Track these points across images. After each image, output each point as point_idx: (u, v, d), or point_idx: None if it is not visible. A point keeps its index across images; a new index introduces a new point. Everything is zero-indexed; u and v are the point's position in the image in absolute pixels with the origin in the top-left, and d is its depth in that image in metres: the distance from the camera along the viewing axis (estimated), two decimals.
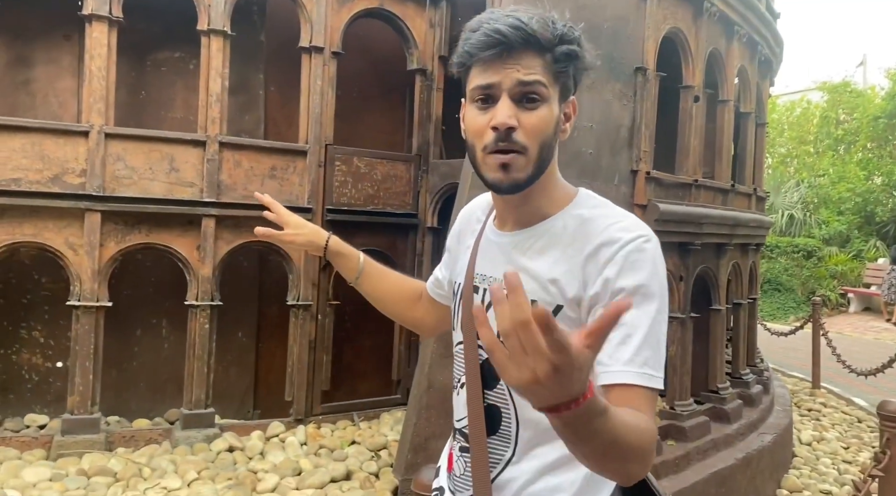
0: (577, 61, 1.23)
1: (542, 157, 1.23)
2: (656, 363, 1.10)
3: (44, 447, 5.16)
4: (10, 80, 5.84)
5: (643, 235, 1.15)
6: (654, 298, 1.11)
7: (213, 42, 5.67)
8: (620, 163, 5.37)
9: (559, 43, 1.19)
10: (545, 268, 1.20)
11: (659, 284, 1.13)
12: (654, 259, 1.14)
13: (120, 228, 5.45)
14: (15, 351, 5.82)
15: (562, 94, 1.23)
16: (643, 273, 1.11)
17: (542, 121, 1.20)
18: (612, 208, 1.26)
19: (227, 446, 5.41)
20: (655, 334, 1.10)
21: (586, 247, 1.16)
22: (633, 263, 1.12)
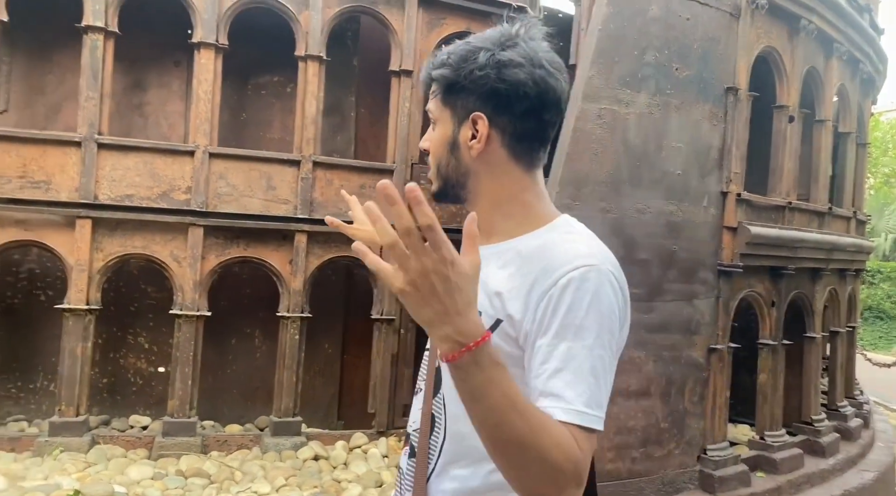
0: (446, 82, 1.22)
1: (442, 172, 1.26)
2: (591, 399, 1.02)
3: (146, 447, 5.50)
4: (127, 103, 6.32)
5: (588, 265, 1.08)
6: (590, 331, 1.04)
7: (310, 67, 5.95)
8: (710, 184, 5.26)
9: (437, 69, 1.23)
10: (495, 282, 1.18)
11: (597, 316, 1.05)
12: (595, 290, 1.06)
13: (220, 242, 5.78)
14: (122, 355, 6.24)
15: (455, 114, 1.23)
16: (579, 305, 1.05)
17: (434, 141, 1.26)
18: (579, 236, 1.19)
19: (312, 455, 5.60)
20: (591, 368, 1.03)
21: (535, 270, 1.13)
22: (572, 293, 1.06)
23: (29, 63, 6.21)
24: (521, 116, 1.20)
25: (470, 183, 1.25)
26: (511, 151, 1.22)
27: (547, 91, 1.19)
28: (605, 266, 1.09)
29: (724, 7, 5.19)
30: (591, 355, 1.04)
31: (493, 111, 1.19)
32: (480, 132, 1.20)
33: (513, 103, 1.18)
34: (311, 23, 5.91)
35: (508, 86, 1.17)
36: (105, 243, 5.54)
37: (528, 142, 1.23)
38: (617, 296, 1.10)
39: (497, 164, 1.22)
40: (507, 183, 1.23)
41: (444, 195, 1.28)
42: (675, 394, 5.09)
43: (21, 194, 5.39)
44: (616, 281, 1.10)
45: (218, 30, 5.69)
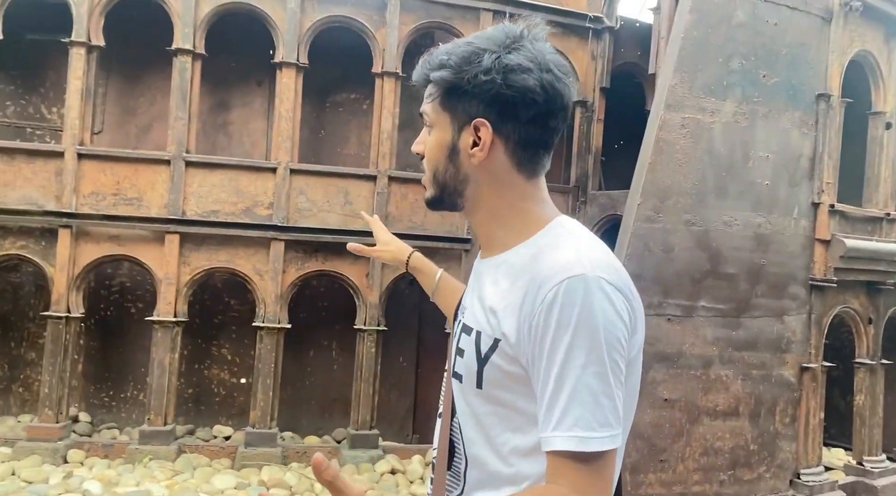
0: (446, 86, 1.13)
1: (438, 178, 1.17)
2: (592, 421, 0.97)
3: (229, 457, 5.64)
4: (212, 123, 6.56)
5: (575, 275, 1.00)
6: (580, 349, 0.98)
7: (386, 83, 6.04)
8: (800, 195, 5.04)
9: (435, 70, 1.14)
10: (491, 298, 1.12)
11: (589, 331, 0.98)
12: (582, 303, 0.99)
13: (300, 256, 5.90)
14: (206, 366, 6.44)
15: (455, 119, 1.14)
16: (567, 321, 0.98)
17: (430, 146, 1.17)
18: (569, 239, 1.11)
19: (389, 468, 5.62)
20: (588, 388, 0.97)
21: (525, 284, 1.06)
22: (559, 310, 0.99)
23: (122, 86, 6.53)
24: (527, 123, 1.12)
25: (468, 191, 1.17)
26: (514, 159, 1.15)
27: (555, 97, 1.11)
28: (594, 272, 1.00)
29: (814, 11, 4.98)
30: (584, 374, 0.97)
31: (498, 118, 1.11)
32: (483, 140, 1.12)
33: (519, 110, 1.11)
34: (387, 40, 6.00)
35: (515, 92, 1.09)
36: (192, 257, 5.73)
37: (532, 149, 1.15)
38: (613, 303, 1.01)
39: (499, 173, 1.15)
40: (507, 192, 1.17)
41: (439, 202, 1.21)
42: (765, 415, 4.87)
43: (115, 210, 5.65)
44: (610, 285, 1.01)
45: (299, 49, 5.84)
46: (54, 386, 5.49)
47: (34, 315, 6.26)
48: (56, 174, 5.60)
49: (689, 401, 4.62)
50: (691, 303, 4.58)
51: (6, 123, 6.40)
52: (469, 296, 1.25)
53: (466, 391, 1.14)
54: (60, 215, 5.55)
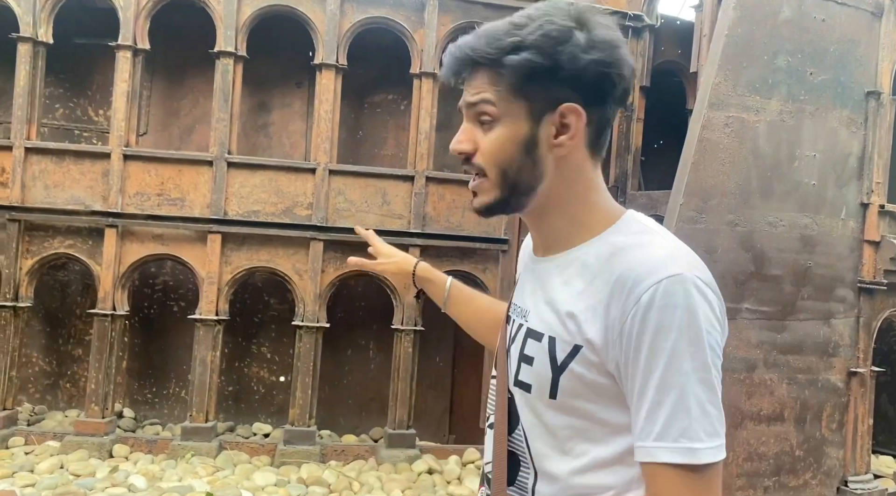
0: (532, 70, 1.00)
1: (507, 179, 1.05)
2: (700, 430, 0.90)
3: (269, 454, 5.71)
4: (252, 124, 6.66)
5: (673, 275, 0.93)
6: (685, 354, 0.91)
7: (424, 83, 6.05)
8: (848, 195, 4.91)
9: (509, 53, 1.01)
10: (565, 301, 1.03)
11: (693, 335, 0.92)
12: (684, 305, 0.92)
13: (338, 256, 5.94)
14: (247, 364, 6.54)
15: (534, 107, 1.02)
16: (669, 325, 0.91)
17: (494, 142, 1.05)
18: (653, 235, 1.03)
19: (426, 468, 5.63)
20: (694, 396, 0.91)
21: (611, 284, 0.97)
22: (658, 312, 0.92)
23: (166, 88, 6.66)
24: (611, 103, 1.04)
25: (541, 188, 1.06)
26: (591, 147, 1.06)
27: (631, 74, 1.04)
28: (691, 272, 0.94)
29: (864, 6, 4.85)
30: (690, 382, 0.91)
31: (587, 100, 1.01)
32: (574, 127, 1.02)
33: (614, 89, 1.02)
34: (425, 41, 6.02)
35: (614, 70, 1.00)
36: (233, 257, 5.82)
37: (604, 132, 1.07)
38: (712, 305, 0.95)
39: (576, 163, 1.06)
40: (578, 183, 1.07)
41: (503, 206, 1.09)
42: (811, 420, 4.76)
43: (159, 210, 5.77)
44: (706, 286, 0.95)
45: (338, 51, 5.89)
46: (100, 382, 5.62)
47: (81, 312, 6.42)
48: (103, 175, 5.75)
49: (733, 404, 4.53)
50: (735, 305, 4.49)
51: (55, 126, 6.59)
52: (528, 298, 1.15)
53: (535, 401, 1.06)
54: (107, 215, 5.69)
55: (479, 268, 6.25)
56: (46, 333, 6.50)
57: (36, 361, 6.46)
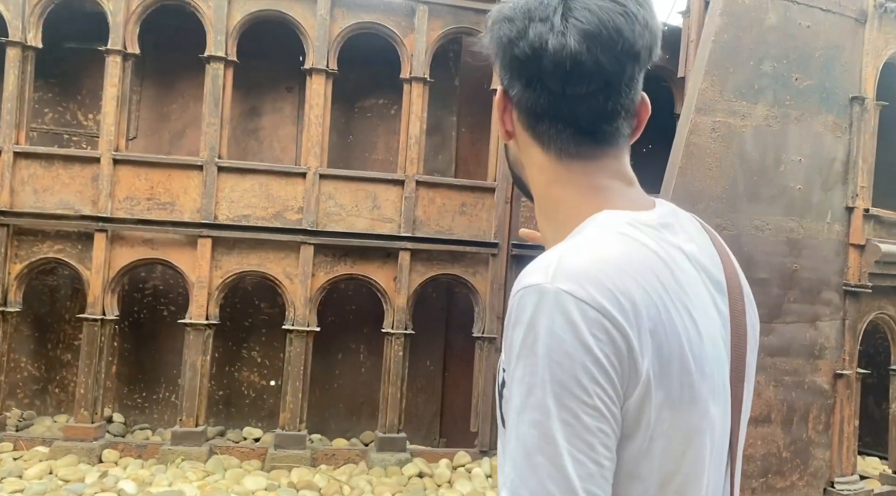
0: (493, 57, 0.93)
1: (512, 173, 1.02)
2: (519, 485, 0.71)
3: (259, 458, 5.70)
4: (243, 129, 6.66)
5: (530, 285, 0.76)
6: (519, 385, 0.74)
7: (414, 88, 6.08)
8: (833, 199, 4.97)
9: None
10: None
11: (528, 364, 0.73)
12: (528, 324, 0.74)
13: (328, 260, 5.96)
14: (237, 368, 6.53)
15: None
16: (510, 346, 0.76)
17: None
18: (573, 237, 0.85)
19: (417, 471, 5.64)
20: (521, 440, 0.72)
21: None
22: (508, 329, 0.78)
23: (156, 93, 6.66)
24: (529, 86, 0.88)
25: (523, 175, 0.99)
26: (531, 132, 0.92)
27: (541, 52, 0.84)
28: (556, 282, 0.74)
29: (848, 13, 4.92)
30: (519, 422, 0.73)
31: (508, 79, 0.91)
32: (497, 109, 0.95)
33: (512, 69, 0.89)
34: (415, 45, 6.04)
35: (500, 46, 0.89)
36: (223, 261, 5.82)
37: (546, 120, 0.90)
38: (576, 327, 0.73)
39: (525, 148, 0.95)
40: (537, 172, 0.94)
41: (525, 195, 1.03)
42: (797, 422, 4.80)
43: (149, 215, 5.76)
44: (579, 302, 0.73)
45: (328, 55, 5.91)
46: (90, 387, 5.60)
47: (70, 317, 6.40)
48: (92, 179, 5.74)
49: None
50: None
51: (45, 130, 6.57)
52: None
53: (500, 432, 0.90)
54: (96, 219, 5.68)
55: (469, 272, 6.28)
56: (35, 338, 6.47)
57: (25, 366, 6.44)
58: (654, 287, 0.79)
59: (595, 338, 0.73)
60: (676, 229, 0.89)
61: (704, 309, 0.83)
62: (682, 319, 0.79)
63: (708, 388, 0.80)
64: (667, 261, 0.82)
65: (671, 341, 0.77)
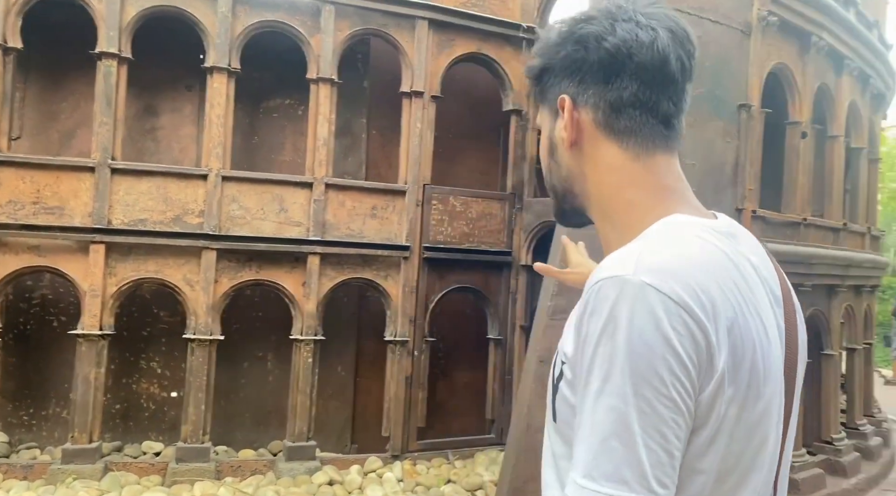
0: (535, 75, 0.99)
1: (549, 185, 1.01)
2: (592, 468, 0.74)
3: (159, 473, 5.44)
4: (139, 128, 6.35)
5: (612, 276, 0.78)
6: (598, 372, 0.76)
7: (322, 89, 5.98)
8: (724, 202, 5.23)
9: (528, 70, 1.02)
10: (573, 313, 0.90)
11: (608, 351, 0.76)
12: (608, 314, 0.77)
13: (233, 265, 5.76)
14: (135, 381, 6.21)
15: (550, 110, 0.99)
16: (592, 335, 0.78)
17: (540, 153, 1.03)
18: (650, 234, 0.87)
19: (327, 479, 5.53)
20: (598, 425, 0.75)
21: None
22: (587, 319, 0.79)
23: (43, 90, 6.25)
24: (610, 82, 0.91)
25: (577, 187, 0.97)
26: (609, 130, 0.93)
27: (634, 46, 0.90)
28: (638, 275, 0.77)
29: (735, 25, 5.20)
30: (596, 406, 0.75)
31: (578, 86, 0.93)
32: (566, 115, 0.94)
33: (592, 69, 0.91)
34: (322, 46, 5.95)
35: (580, 45, 0.92)
36: (118, 268, 5.52)
37: (628, 114, 0.92)
38: (658, 320, 0.75)
39: (595, 152, 0.94)
40: (607, 176, 0.94)
41: (563, 215, 1.02)
42: None
43: (35, 220, 5.40)
44: (661, 295, 0.76)
45: (230, 54, 5.73)
46: None
47: None
48: None
49: None
50: None
51: None
52: None
53: (548, 424, 0.94)
54: None
55: (381, 275, 6.23)
56: None
57: None
58: (731, 288, 0.81)
59: (675, 331, 0.75)
60: (741, 240, 0.91)
61: (770, 316, 0.87)
62: (754, 321, 0.82)
63: (770, 391, 0.82)
64: (739, 267, 0.85)
65: (745, 340, 0.80)
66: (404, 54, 6.23)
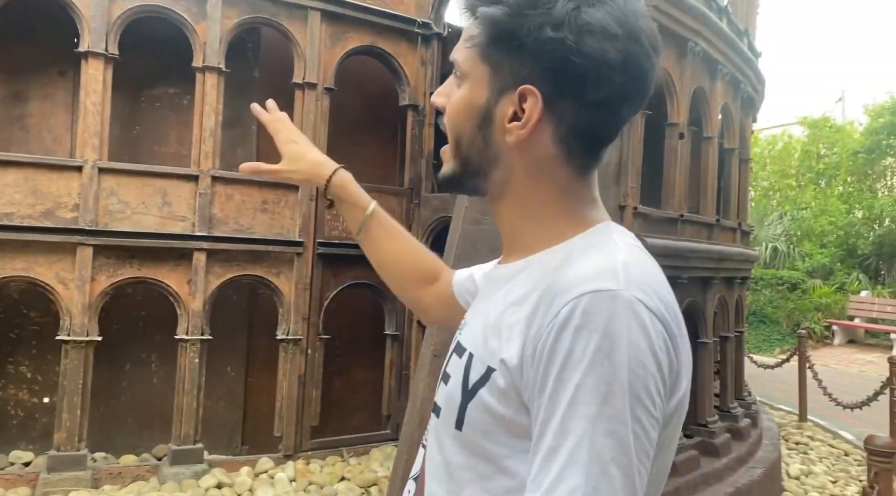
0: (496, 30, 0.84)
1: (462, 150, 0.91)
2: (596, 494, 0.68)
3: (29, 485, 5.08)
4: (6, 116, 5.88)
5: (601, 289, 0.73)
6: (595, 393, 0.70)
7: (208, 78, 5.75)
8: (608, 199, 5.46)
9: (486, 4, 0.85)
10: (498, 312, 0.86)
11: (608, 370, 0.70)
12: (604, 330, 0.71)
13: (112, 262, 5.45)
14: (1, 386, 5.76)
15: (496, 76, 0.86)
16: (581, 352, 0.72)
17: (454, 104, 0.92)
18: (607, 245, 0.84)
19: (215, 482, 5.35)
20: (595, 451, 0.69)
21: (541, 294, 0.79)
22: (572, 334, 0.72)
23: None
24: (592, 107, 0.84)
25: (496, 174, 0.91)
26: (564, 148, 0.86)
27: (638, 78, 0.83)
28: (630, 290, 0.74)
29: None
30: (594, 431, 0.69)
31: (554, 90, 0.83)
32: (529, 115, 0.84)
33: (587, 87, 0.82)
34: (209, 33, 5.72)
35: (589, 63, 0.80)
36: None
37: (591, 140, 0.87)
38: (650, 337, 0.73)
39: (541, 161, 0.88)
40: (547, 186, 0.89)
41: (457, 183, 0.94)
42: None
43: None
44: (650, 312, 0.74)
45: (108, 38, 5.40)
46: None
47: None
48: None
49: None
50: None
51: None
52: (473, 308, 1.01)
53: (442, 431, 0.88)
54: None
55: (273, 273, 6.07)
56: None
57: None
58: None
59: (661, 349, 0.74)
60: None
61: None
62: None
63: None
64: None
65: (688, 353, 0.80)
66: (296, 45, 6.09)
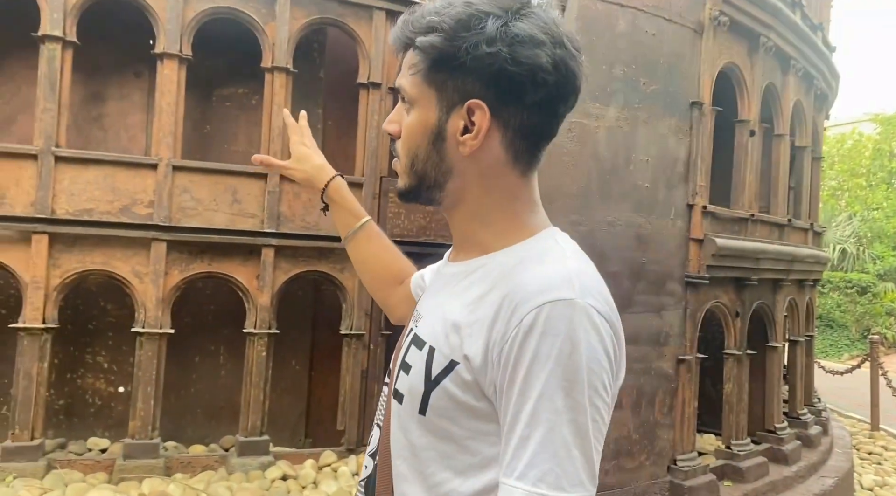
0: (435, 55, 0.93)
1: (417, 168, 1.00)
2: (562, 477, 0.82)
3: (106, 470, 5.29)
4: (85, 116, 6.13)
5: (560, 299, 0.85)
6: (560, 389, 0.83)
7: (276, 78, 5.87)
8: (676, 197, 5.35)
9: (422, 35, 0.95)
10: (455, 310, 0.96)
11: (571, 368, 0.83)
12: (566, 335, 0.84)
13: (184, 257, 5.62)
14: (80, 375, 6.02)
15: (443, 98, 0.96)
16: (546, 354, 0.84)
17: (406, 128, 1.01)
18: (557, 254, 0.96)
19: (280, 474, 5.47)
20: (561, 438, 0.82)
21: (501, 299, 0.90)
22: (537, 338, 0.84)
23: None
24: (533, 108, 0.95)
25: (451, 184, 1.01)
26: (511, 151, 0.98)
27: (568, 77, 0.95)
28: (583, 299, 0.87)
29: (687, 23, 5.30)
30: (561, 421, 0.83)
31: (498, 99, 0.94)
32: (479, 125, 0.94)
33: (525, 92, 0.93)
34: (277, 34, 5.84)
35: (524, 70, 0.91)
36: (63, 259, 5.33)
37: (533, 139, 0.99)
38: (602, 339, 0.87)
39: (490, 166, 0.99)
40: (496, 189, 1.00)
41: (415, 195, 1.05)
42: (645, 406, 5.13)
43: None
44: (600, 317, 0.88)
45: (181, 40, 5.57)
46: None
47: None
48: None
49: None
50: None
51: None
52: (427, 302, 1.11)
53: (406, 416, 0.99)
54: None
55: (337, 269, 6.16)
56: None
57: None
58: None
59: (610, 347, 0.89)
60: None
61: None
62: None
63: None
64: None
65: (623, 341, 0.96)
66: (361, 44, 6.16)
